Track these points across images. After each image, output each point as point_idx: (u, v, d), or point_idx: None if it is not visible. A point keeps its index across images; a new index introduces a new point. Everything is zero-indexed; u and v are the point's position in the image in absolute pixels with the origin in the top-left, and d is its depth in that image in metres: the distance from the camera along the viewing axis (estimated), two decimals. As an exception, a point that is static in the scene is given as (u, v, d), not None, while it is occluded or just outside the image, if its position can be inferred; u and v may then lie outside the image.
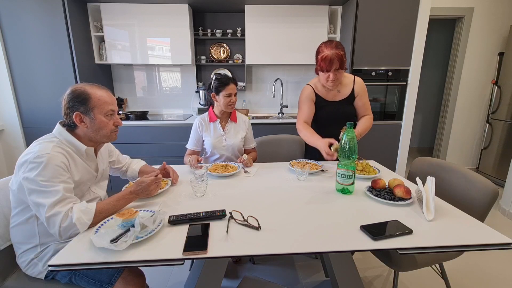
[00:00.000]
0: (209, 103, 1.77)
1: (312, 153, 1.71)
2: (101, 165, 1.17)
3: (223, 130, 1.74)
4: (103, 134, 1.06)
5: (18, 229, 1.00)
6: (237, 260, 1.77)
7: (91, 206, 0.93)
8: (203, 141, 1.74)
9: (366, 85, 2.24)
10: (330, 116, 1.64)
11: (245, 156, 1.59)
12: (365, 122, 1.62)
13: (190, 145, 1.74)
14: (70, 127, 1.04)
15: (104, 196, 1.20)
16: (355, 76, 1.65)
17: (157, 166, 1.43)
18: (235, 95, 1.67)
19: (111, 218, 0.94)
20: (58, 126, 1.03)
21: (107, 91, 1.07)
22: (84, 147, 1.04)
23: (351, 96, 1.64)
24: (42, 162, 0.89)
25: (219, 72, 1.58)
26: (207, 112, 1.75)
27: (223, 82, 1.63)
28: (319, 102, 1.66)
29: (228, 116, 1.77)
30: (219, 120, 1.73)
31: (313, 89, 1.67)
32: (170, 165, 1.43)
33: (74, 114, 1.00)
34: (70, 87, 1.03)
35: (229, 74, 3.12)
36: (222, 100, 1.64)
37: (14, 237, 1.01)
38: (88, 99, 1.01)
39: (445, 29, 4.22)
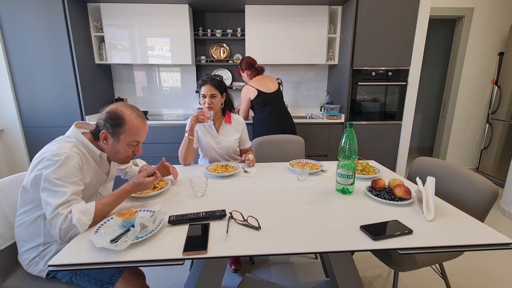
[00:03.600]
0: None
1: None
2: (113, 169, 1.20)
3: (217, 132, 1.73)
4: (118, 157, 1.09)
5: (24, 227, 1.00)
6: (237, 269, 1.75)
7: (90, 206, 0.93)
8: (198, 139, 1.73)
9: (366, 85, 2.77)
10: None
11: (250, 156, 1.59)
12: None
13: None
14: (94, 136, 1.06)
15: None
16: (245, 85, 2.33)
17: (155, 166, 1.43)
18: (211, 96, 1.61)
19: (111, 218, 0.94)
20: (73, 128, 1.05)
21: (144, 121, 1.09)
22: (99, 152, 1.06)
23: None
24: (60, 160, 0.91)
25: (207, 73, 1.59)
26: None
27: (201, 82, 1.63)
28: None
29: (222, 117, 1.75)
30: (212, 121, 1.71)
31: None
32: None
33: (102, 131, 1.02)
34: (114, 104, 1.06)
35: (229, 74, 3.12)
36: (201, 100, 1.65)
37: (19, 235, 1.02)
38: (121, 125, 1.02)
39: (445, 29, 4.22)
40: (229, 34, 2.98)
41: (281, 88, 2.41)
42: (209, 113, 1.58)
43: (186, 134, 1.59)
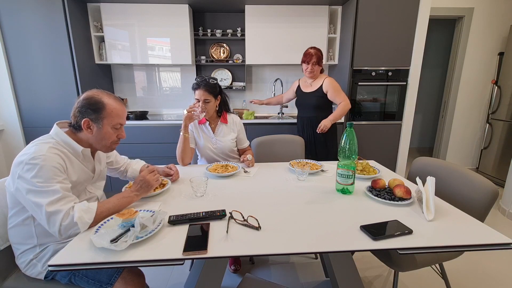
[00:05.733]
0: None
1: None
2: (98, 166, 1.17)
3: (213, 132, 1.72)
4: (103, 144, 1.07)
5: (15, 230, 1.00)
6: (237, 269, 1.75)
7: (92, 206, 0.93)
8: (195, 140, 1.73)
9: (366, 85, 2.77)
10: (302, 102, 2.29)
11: (249, 157, 1.59)
12: (338, 108, 2.13)
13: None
14: (75, 129, 1.04)
15: (101, 195, 1.20)
16: (327, 77, 2.15)
17: (160, 166, 1.43)
18: (204, 101, 1.60)
19: (111, 218, 0.94)
20: (55, 127, 1.03)
21: (121, 104, 1.09)
22: (81, 148, 1.04)
23: (319, 90, 2.15)
24: (38, 164, 0.89)
25: (201, 75, 1.55)
26: None
27: (195, 85, 1.61)
28: (298, 91, 2.32)
29: (218, 118, 1.74)
30: (208, 122, 1.71)
31: (299, 82, 2.35)
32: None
33: (84, 119, 1.00)
34: (87, 91, 1.04)
35: (229, 74, 3.12)
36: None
37: (12, 238, 1.01)
38: (102, 109, 1.02)
39: (445, 29, 4.22)
40: (229, 34, 2.98)
41: None
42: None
43: (181, 133, 1.59)
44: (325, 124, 2.06)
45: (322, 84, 2.13)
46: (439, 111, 3.81)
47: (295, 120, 2.67)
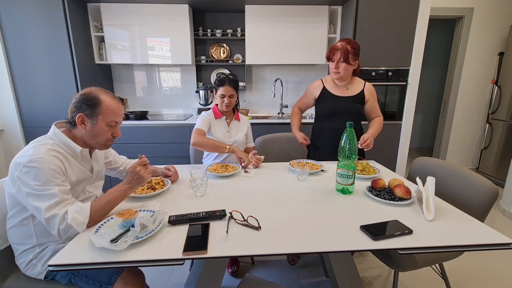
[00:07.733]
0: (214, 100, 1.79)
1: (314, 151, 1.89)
2: (96, 166, 1.17)
3: (228, 126, 1.78)
4: (97, 141, 1.07)
5: (14, 230, 1.00)
6: (235, 271, 1.74)
7: (85, 206, 0.93)
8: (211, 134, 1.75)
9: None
10: (335, 109, 1.73)
11: (261, 157, 1.62)
12: (376, 123, 1.75)
13: (198, 126, 1.65)
14: (71, 125, 1.04)
15: (100, 194, 1.20)
16: (367, 82, 1.76)
17: (160, 166, 1.43)
18: (230, 96, 1.66)
19: (111, 218, 0.94)
20: (53, 127, 1.03)
21: (118, 102, 1.09)
22: (79, 148, 1.04)
23: (359, 96, 1.72)
24: (35, 167, 0.89)
25: (222, 72, 1.54)
26: (211, 110, 1.78)
27: (219, 82, 1.67)
28: (325, 95, 1.76)
29: (232, 114, 1.82)
30: (224, 117, 1.77)
31: (323, 82, 1.79)
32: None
33: (78, 114, 1.00)
34: (86, 88, 1.05)
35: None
36: (218, 99, 1.70)
37: (12, 238, 1.01)
38: (97, 105, 1.02)
39: (445, 29, 4.22)
40: (229, 34, 2.98)
41: None
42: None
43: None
44: (371, 140, 1.54)
45: (363, 89, 1.71)
46: (439, 111, 3.81)
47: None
